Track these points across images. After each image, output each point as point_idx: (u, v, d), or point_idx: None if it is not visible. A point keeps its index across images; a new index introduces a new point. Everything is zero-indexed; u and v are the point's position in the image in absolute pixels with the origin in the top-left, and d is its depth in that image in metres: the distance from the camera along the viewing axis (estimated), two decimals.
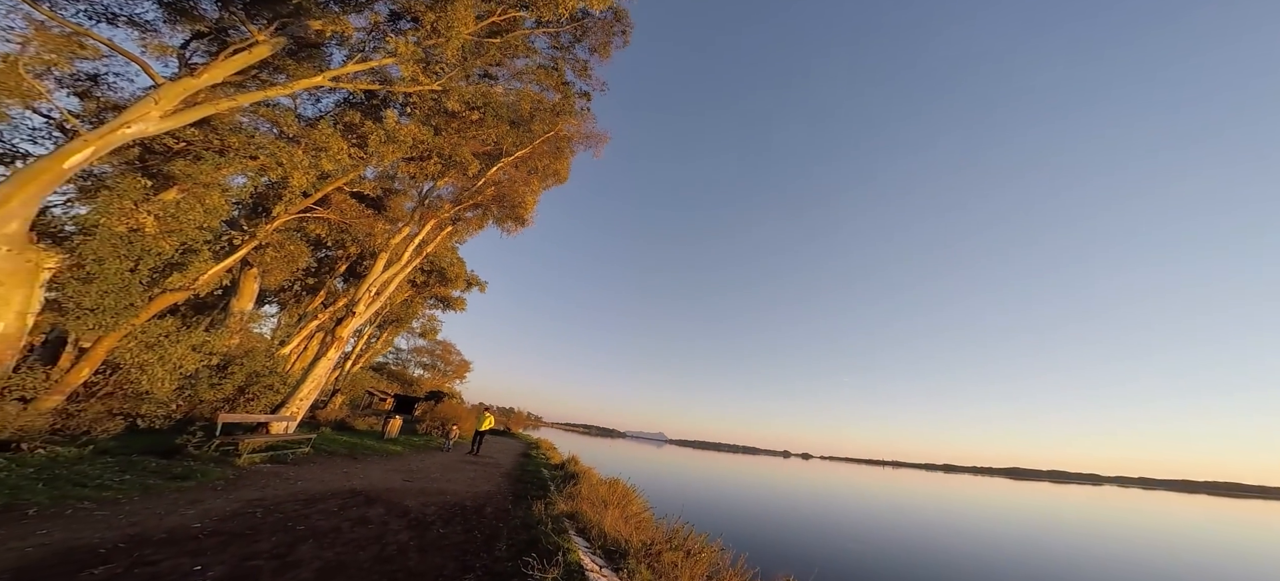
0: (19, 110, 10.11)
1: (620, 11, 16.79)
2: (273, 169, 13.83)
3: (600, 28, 17.72)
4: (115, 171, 11.61)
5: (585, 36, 18.23)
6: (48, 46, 9.81)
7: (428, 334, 42.89)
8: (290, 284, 22.19)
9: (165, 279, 12.18)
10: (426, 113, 16.68)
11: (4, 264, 8.66)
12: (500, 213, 24.04)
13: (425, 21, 11.18)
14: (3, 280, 8.71)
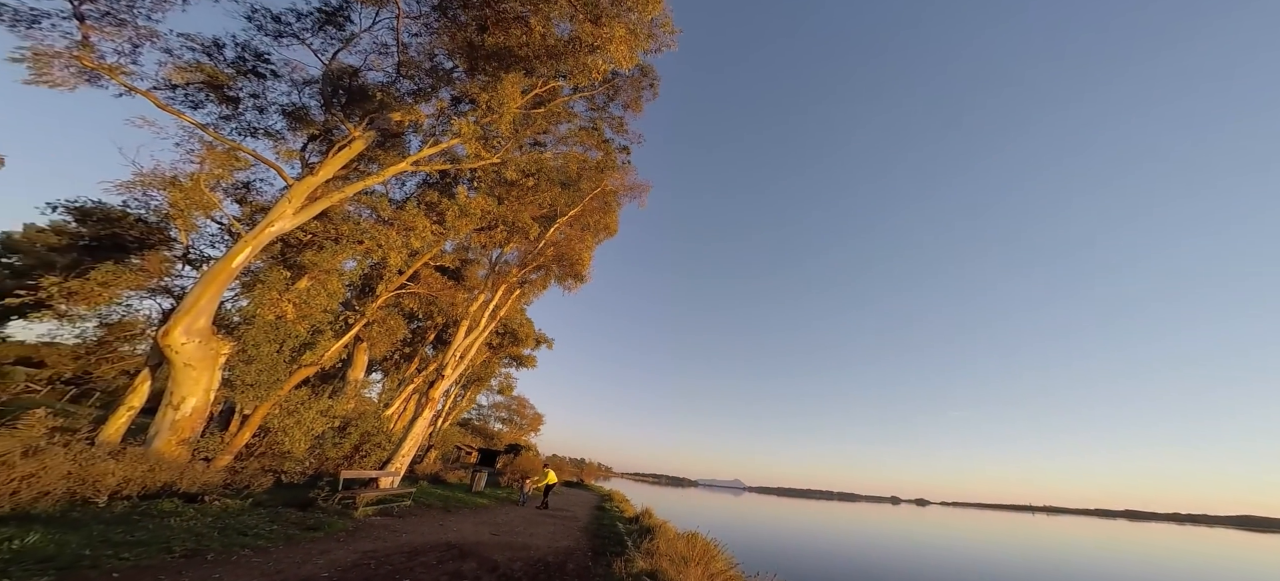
0: (202, 219, 13.25)
1: (646, 68, 18.49)
2: (374, 251, 16.52)
3: (630, 85, 19.51)
4: (265, 266, 14.58)
5: (617, 95, 20.11)
6: (216, 163, 12.88)
7: (504, 390, 45.76)
8: (392, 353, 25.39)
9: (300, 356, 14.83)
10: (490, 184, 18.99)
11: (197, 352, 11.26)
12: (560, 271, 25.70)
13: (481, 101, 13.18)
14: (195, 365, 11.29)
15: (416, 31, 13.50)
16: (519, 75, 13.65)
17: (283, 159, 14.25)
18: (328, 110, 13.06)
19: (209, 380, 11.56)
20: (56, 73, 9.01)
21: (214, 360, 11.71)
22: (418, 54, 13.75)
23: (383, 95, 13.09)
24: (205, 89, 11.71)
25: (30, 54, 8.71)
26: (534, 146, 21.18)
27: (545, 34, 12.45)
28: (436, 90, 14.60)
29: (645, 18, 12.26)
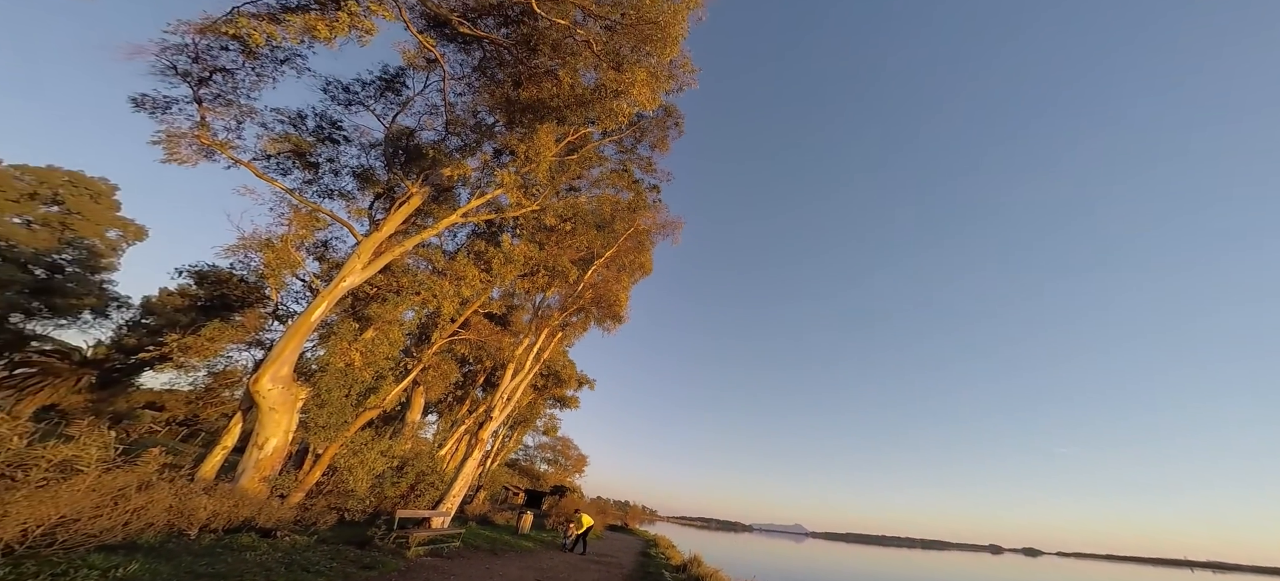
0: (289, 277, 14.87)
1: (670, 108, 19.35)
2: (430, 301, 17.74)
3: (655, 126, 20.47)
4: (338, 318, 16.03)
5: (644, 136, 21.10)
6: (300, 224, 14.55)
7: (549, 431, 46.38)
8: (445, 396, 26.58)
9: (365, 400, 15.92)
10: (531, 230, 20.13)
11: (280, 397, 12.42)
12: (599, 313, 26.22)
13: (520, 152, 14.28)
14: (278, 409, 12.43)
15: (460, 91, 15.07)
16: (552, 124, 14.82)
17: (353, 217, 15.93)
18: (390, 169, 14.66)
19: (288, 422, 12.65)
20: (183, 151, 10.88)
21: (293, 404, 12.84)
22: (463, 112, 15.28)
23: (434, 152, 14.57)
24: (292, 157, 13.58)
25: (165, 136, 10.62)
26: (569, 192, 22.33)
27: (573, 84, 13.56)
28: (480, 144, 16.00)
29: (664, 60, 13.08)
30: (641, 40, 12.21)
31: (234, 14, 9.02)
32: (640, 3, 10.97)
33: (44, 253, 20.59)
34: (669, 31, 12.03)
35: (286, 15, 9.04)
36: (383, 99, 14.04)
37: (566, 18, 11.53)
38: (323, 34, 8.81)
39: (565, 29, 11.83)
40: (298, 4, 9.17)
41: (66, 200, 21.88)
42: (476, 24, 12.55)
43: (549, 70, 13.21)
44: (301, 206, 13.94)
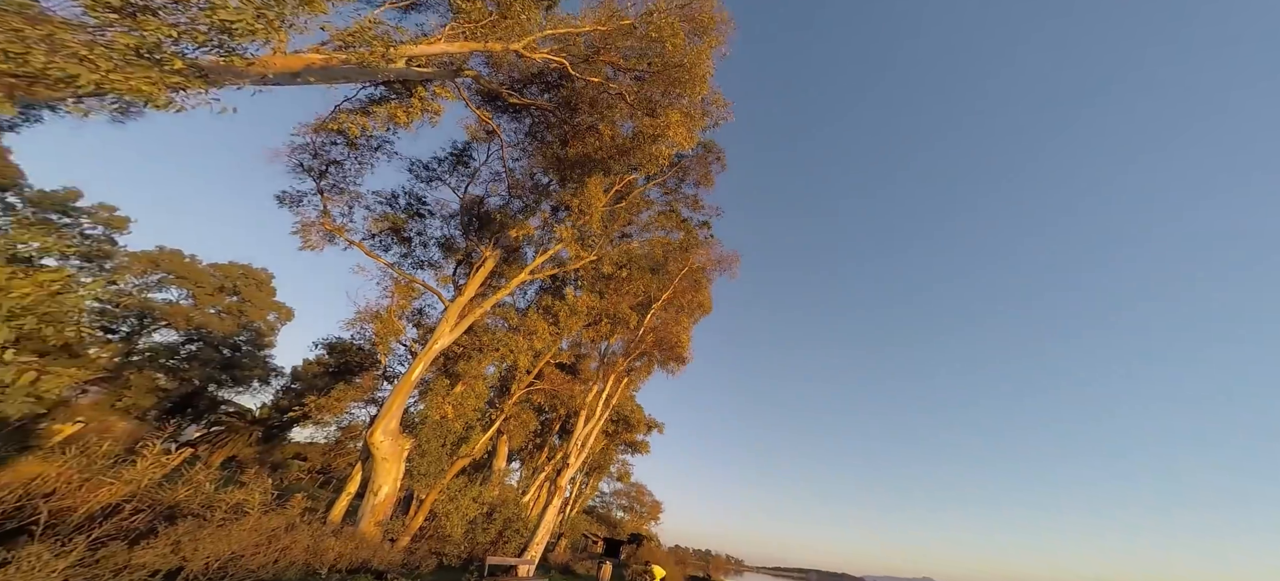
0: (394, 343, 16.70)
1: (708, 144, 19.99)
2: (508, 356, 18.92)
3: (696, 164, 21.14)
4: (433, 376, 17.58)
5: (687, 175, 21.79)
6: (400, 295, 16.45)
7: (622, 477, 45.87)
8: (526, 444, 27.55)
9: (458, 449, 17.00)
10: (591, 280, 21.09)
11: (390, 448, 13.68)
12: (662, 356, 26.25)
13: (573, 206, 15.43)
14: (388, 458, 13.65)
15: (517, 156, 16.82)
16: (599, 176, 16.02)
17: (440, 284, 17.85)
18: (466, 236, 16.48)
19: (397, 471, 13.83)
20: (313, 238, 13.19)
21: (401, 454, 14.07)
22: (521, 175, 16.99)
23: (501, 216, 16.23)
24: (391, 233, 15.80)
25: (300, 226, 13.00)
26: (622, 239, 23.27)
27: (613, 135, 14.70)
28: (539, 204, 17.50)
29: (696, 99, 13.67)
30: (670, 85, 13.13)
31: (336, 112, 11.21)
32: (664, 50, 11.97)
33: (227, 336, 25.43)
34: (695, 72, 12.83)
35: (373, 107, 11.10)
36: (455, 172, 16.13)
37: (599, 76, 12.83)
38: (401, 120, 10.68)
39: (599, 86, 13.12)
40: (381, 96, 11.22)
41: (241, 289, 26.83)
42: (523, 93, 14.29)
43: (590, 125, 14.53)
44: (400, 278, 15.94)
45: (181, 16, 4.89)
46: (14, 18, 4.07)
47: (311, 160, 12.44)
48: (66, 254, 5.75)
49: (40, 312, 5.30)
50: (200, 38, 5.11)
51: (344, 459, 21.59)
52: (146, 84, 4.95)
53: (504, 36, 10.23)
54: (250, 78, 6.53)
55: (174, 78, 5.18)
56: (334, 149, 12.70)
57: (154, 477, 7.14)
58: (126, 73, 4.73)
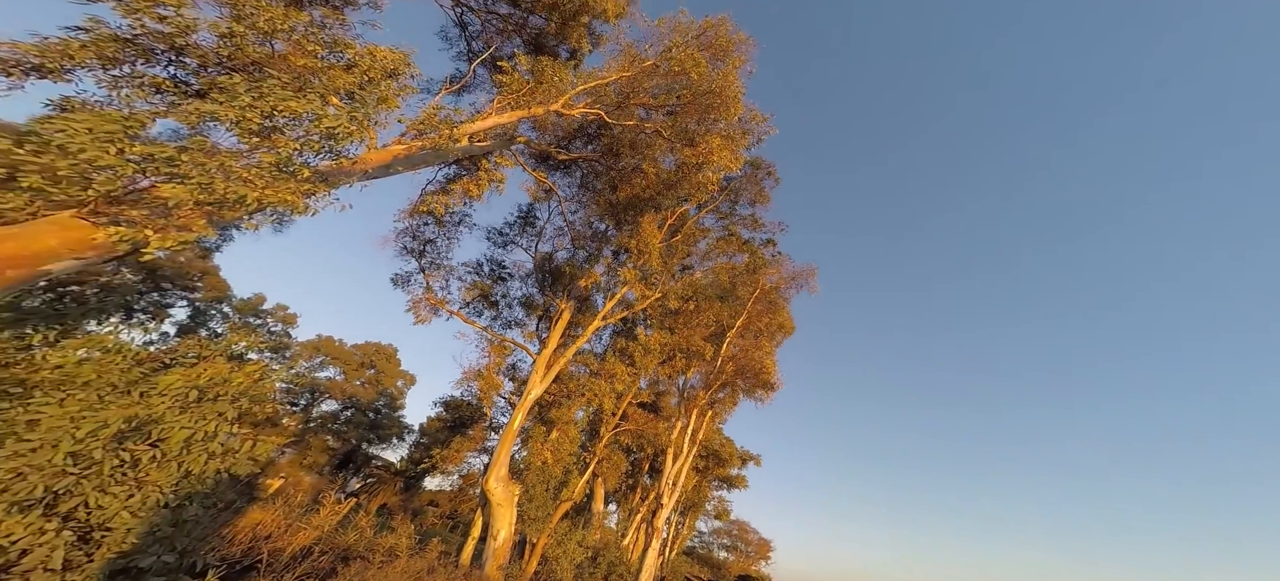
0: (496, 396, 17.61)
1: (756, 161, 19.53)
2: (593, 400, 19.00)
3: (747, 183, 20.59)
4: (531, 425, 18.12)
5: (739, 196, 21.26)
6: (495, 353, 17.47)
7: (721, 515, 42.69)
8: (619, 486, 27.05)
9: (560, 493, 17.03)
10: (660, 318, 20.81)
11: (503, 494, 14.03)
12: (746, 384, 24.71)
13: (631, 247, 15.67)
14: (503, 504, 13.97)
15: (574, 209, 17.78)
16: (651, 214, 16.32)
17: (527, 340, 18.88)
18: (542, 292, 17.43)
19: (511, 516, 14.09)
20: (422, 312, 14.82)
21: (513, 499, 14.38)
22: (580, 226, 17.84)
23: (569, 268, 17.00)
24: (481, 299, 17.21)
25: (411, 303, 14.71)
26: (683, 272, 22.85)
27: (657, 172, 15.02)
28: (600, 251, 18.12)
29: (732, 120, 13.52)
30: (704, 112, 13.27)
31: (423, 195, 12.83)
32: (689, 82, 12.26)
33: (370, 402, 30.62)
34: (725, 95, 12.86)
35: (450, 185, 12.54)
36: (524, 233, 17.42)
37: (633, 118, 13.40)
38: (473, 192, 11.93)
39: (635, 128, 13.65)
40: (454, 174, 12.70)
41: (375, 363, 32.26)
42: (569, 148, 15.31)
43: (634, 167, 15.03)
44: (493, 339, 17.18)
45: (299, 130, 5.98)
46: (197, 155, 5.24)
47: (412, 242, 14.27)
48: (261, 348, 7.15)
49: (250, 395, 6.52)
50: (315, 146, 6.19)
51: (467, 504, 23.30)
52: (290, 195, 6.02)
53: (543, 100, 11.21)
54: (355, 175, 7.76)
55: (305, 185, 6.28)
56: (426, 229, 14.47)
57: (332, 524, 8.06)
58: (275, 187, 5.81)
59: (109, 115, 4.88)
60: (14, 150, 4.51)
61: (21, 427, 4.92)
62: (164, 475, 5.56)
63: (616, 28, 13.12)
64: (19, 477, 4.63)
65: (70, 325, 6.61)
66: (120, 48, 5.55)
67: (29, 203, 4.98)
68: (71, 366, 5.72)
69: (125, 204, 5.39)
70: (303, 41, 6.17)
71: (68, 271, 5.63)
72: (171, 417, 5.66)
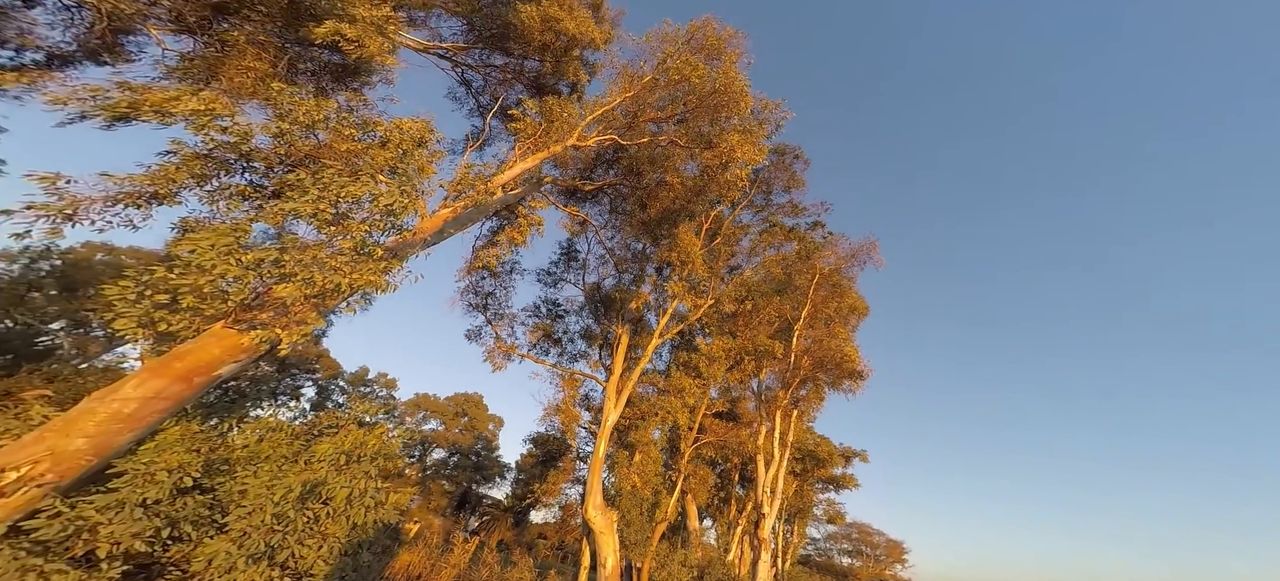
0: (577, 428, 17.94)
1: (779, 148, 18.93)
2: (667, 418, 18.68)
3: (776, 171, 19.89)
4: (614, 451, 18.12)
5: (772, 186, 20.52)
6: (569, 387, 17.98)
7: (834, 519, 38.42)
8: (711, 500, 25.86)
9: (654, 515, 16.61)
10: (717, 323, 20.12)
11: (602, 522, 14.00)
12: (829, 377, 22.91)
13: (672, 259, 15.62)
14: (605, 532, 13.91)
15: (610, 235, 18.25)
16: (686, 222, 16.24)
17: (594, 369, 19.34)
18: (598, 321, 17.88)
19: (615, 542, 13.97)
20: (496, 359, 15.90)
21: (613, 526, 14.30)
22: (620, 250, 18.22)
23: (618, 294, 17.32)
24: (545, 339, 18.04)
25: (486, 353, 15.83)
26: (731, 274, 22.18)
27: (683, 181, 15.01)
28: (643, 270, 18.27)
29: (745, 113, 13.25)
30: (714, 112, 13.17)
31: (475, 252, 13.92)
32: (692, 86, 12.34)
33: (470, 447, 33.51)
34: (730, 91, 12.72)
35: (496, 237, 13.52)
36: (570, 268, 18.18)
37: (645, 135, 13.71)
38: (517, 239, 12.75)
39: (650, 144, 13.92)
40: (497, 226, 13.68)
41: (467, 411, 35.34)
42: (592, 177, 15.89)
43: (658, 181, 15.22)
44: (563, 374, 17.83)
45: (363, 212, 6.88)
46: (294, 253, 6.22)
47: (474, 297, 15.55)
48: (377, 413, 8.19)
49: (384, 454, 7.50)
50: (380, 225, 7.08)
51: (572, 535, 23.90)
52: (372, 275, 6.91)
53: (558, 137, 11.89)
54: (417, 245, 8.70)
55: (382, 264, 7.17)
56: (484, 283, 15.72)
57: (465, 562, 8.68)
58: (360, 271, 6.70)
59: (220, 228, 6.02)
60: (169, 276, 5.68)
61: (236, 497, 5.98)
62: (337, 527, 6.43)
63: (608, 53, 13.70)
64: (246, 536, 5.57)
65: (241, 413, 7.89)
66: (203, 164, 6.77)
67: (191, 321, 6.13)
68: (253, 445, 6.86)
69: (255, 309, 6.46)
70: (339, 127, 7.21)
71: (231, 373, 6.78)
72: (332, 479, 6.62)
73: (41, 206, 5.85)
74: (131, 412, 5.47)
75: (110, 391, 5.49)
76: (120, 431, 5.38)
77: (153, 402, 5.67)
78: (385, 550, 7.09)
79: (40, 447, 4.80)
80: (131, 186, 6.34)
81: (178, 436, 6.01)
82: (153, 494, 5.22)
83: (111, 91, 6.91)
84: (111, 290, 5.65)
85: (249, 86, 8.42)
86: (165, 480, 5.37)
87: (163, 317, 5.82)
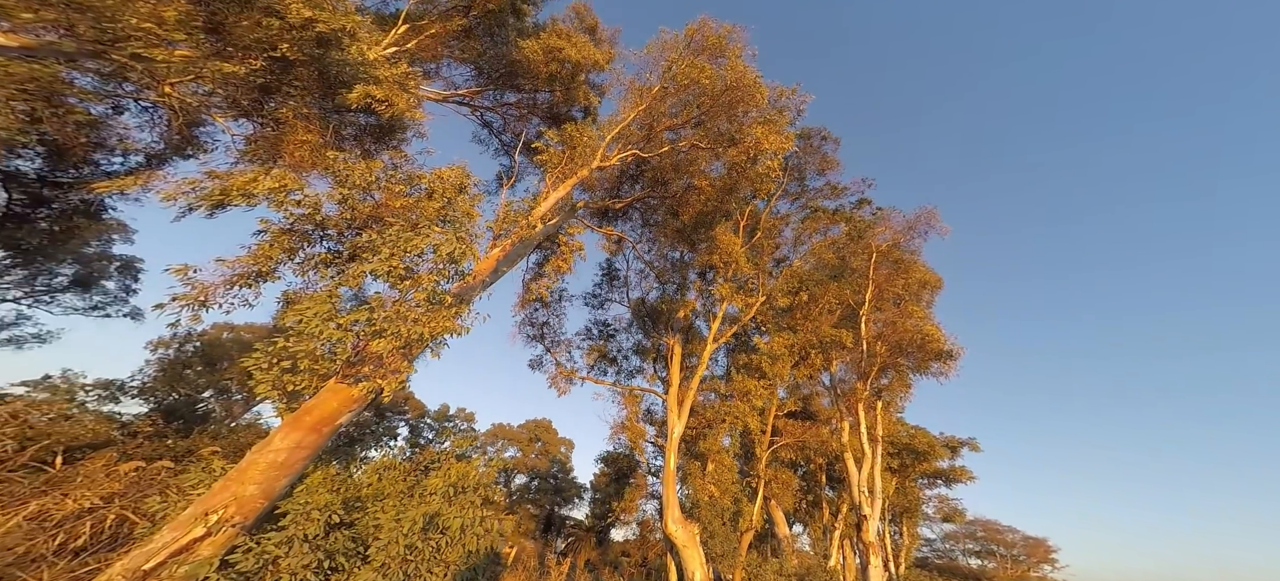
0: (644, 442, 18.16)
1: (805, 132, 18.77)
2: (735, 423, 18.36)
3: (807, 155, 19.69)
4: (684, 463, 18.07)
5: (805, 172, 20.18)
6: (630, 404, 18.59)
7: (950, 516, 34.12)
8: (798, 505, 24.66)
9: (737, 524, 16.22)
10: (773, 320, 19.66)
11: (683, 535, 14.17)
12: (912, 361, 21.18)
13: (715, 261, 15.85)
14: (688, 545, 13.97)
15: (647, 249, 18.92)
16: (722, 222, 16.39)
17: (650, 383, 19.72)
18: (647, 335, 18.34)
19: (699, 555, 13.93)
20: (559, 384, 16.85)
21: (695, 538, 14.31)
22: (658, 262, 18.89)
23: (664, 305, 17.82)
24: (601, 359, 18.94)
25: (549, 380, 16.86)
26: (779, 267, 21.70)
27: (711, 183, 15.30)
28: (686, 277, 18.66)
29: (762, 104, 13.41)
30: (730, 109, 13.44)
31: (526, 286, 15.11)
32: (701, 87, 12.73)
33: (547, 471, 35.23)
34: (741, 85, 12.97)
35: (543, 268, 14.66)
36: (613, 287, 19.15)
37: (664, 145, 14.28)
38: (562, 267, 13.68)
39: (670, 153, 14.37)
40: (543, 258, 14.71)
41: (540, 437, 37.19)
42: (620, 195, 16.75)
43: (686, 186, 15.68)
44: (623, 391, 18.41)
45: (427, 263, 7.92)
46: (382, 310, 7.35)
47: (531, 329, 16.89)
48: (468, 446, 9.17)
49: (481, 484, 8.43)
50: (444, 273, 8.10)
51: (653, 550, 23.99)
52: (447, 322, 7.93)
53: (582, 161, 12.78)
54: (477, 288, 9.77)
55: (453, 310, 8.17)
56: (538, 314, 17.06)
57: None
58: (436, 319, 7.73)
59: (317, 297, 7.30)
60: (288, 345, 6.96)
61: (372, 531, 7.06)
62: (454, 554, 7.39)
63: (612, 72, 14.57)
64: (386, 566, 6.59)
65: (359, 455, 9.15)
66: (289, 238, 8.05)
67: (309, 380, 7.38)
68: (375, 483, 7.98)
69: (357, 364, 7.66)
70: (390, 185, 8.41)
71: (347, 422, 7.99)
72: (445, 510, 7.58)
73: (184, 297, 7.38)
74: (283, 461, 6.71)
75: (264, 444, 6.79)
76: (278, 477, 6.61)
77: (295, 452, 6.91)
78: (492, 575, 7.74)
79: (227, 494, 6.08)
80: (241, 268, 7.74)
81: (320, 479, 7.21)
82: (311, 530, 6.32)
83: (205, 182, 8.02)
84: (248, 361, 7.08)
85: (308, 159, 9.50)
86: (318, 518, 6.48)
87: (288, 380, 7.12)
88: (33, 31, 6.81)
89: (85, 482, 6.05)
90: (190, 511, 5.81)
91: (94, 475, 6.33)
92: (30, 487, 5.90)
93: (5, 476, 5.96)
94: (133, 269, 14.83)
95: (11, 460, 6.43)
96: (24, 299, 13.46)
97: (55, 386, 13.44)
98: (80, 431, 8.60)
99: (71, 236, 12.41)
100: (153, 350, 16.68)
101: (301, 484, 7.11)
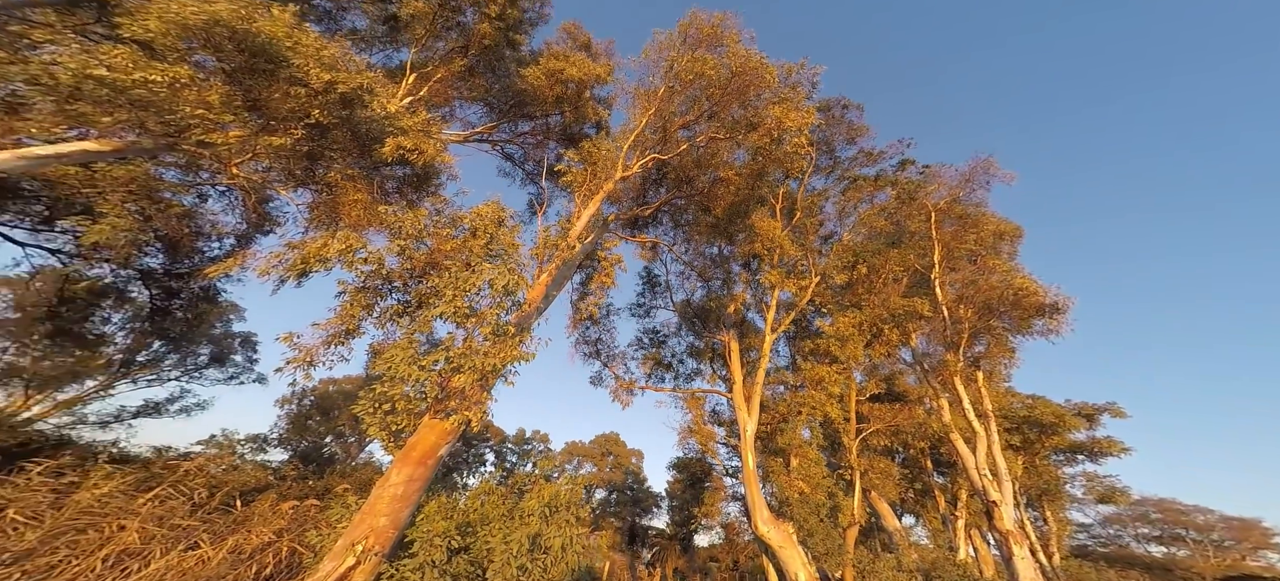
0: (714, 444, 17.76)
1: (825, 104, 18.63)
2: (811, 412, 17.51)
3: (833, 126, 19.47)
4: (763, 460, 17.67)
5: (831, 145, 19.74)
6: (694, 407, 18.53)
7: (1106, 497, 28.66)
8: (904, 495, 22.41)
9: (836, 519, 15.23)
10: (834, 299, 18.93)
11: (778, 536, 13.81)
12: (1008, 323, 19.33)
13: (758, 249, 15.91)
14: (784, 546, 13.64)
15: (683, 249, 19.48)
16: (758, 209, 16.27)
17: (710, 383, 20.32)
18: (698, 336, 18.39)
19: (800, 555, 13.49)
20: (621, 396, 17.43)
21: (791, 538, 13.90)
22: (697, 261, 19.44)
23: (711, 302, 18.10)
24: (657, 368, 19.48)
25: (611, 394, 17.46)
26: (827, 244, 20.99)
27: (737, 171, 15.66)
28: (729, 271, 19.02)
29: (774, 85, 13.63)
30: (741, 95, 13.79)
31: (575, 306, 16.06)
32: (707, 80, 13.14)
33: (623, 483, 36.51)
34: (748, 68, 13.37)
35: (588, 286, 15.65)
36: (655, 294, 20.24)
37: (681, 143, 14.81)
38: (605, 281, 14.60)
39: (689, 150, 14.76)
40: (586, 277, 15.55)
41: (610, 450, 38.71)
42: (647, 201, 17.76)
43: (713, 179, 15.96)
44: (684, 395, 18.42)
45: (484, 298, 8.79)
46: (457, 349, 8.27)
47: (586, 347, 18.03)
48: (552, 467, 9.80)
49: (572, 502, 9.12)
50: (502, 306, 8.96)
51: (743, 553, 22.99)
52: (514, 351, 8.80)
53: (605, 175, 13.71)
54: (533, 314, 10.64)
55: (517, 339, 9.00)
56: (590, 331, 18.04)
57: None
58: (504, 351, 8.62)
59: (400, 344, 8.51)
60: (385, 390, 8.01)
61: (485, 554, 7.75)
62: (559, 571, 7.87)
63: (615, 83, 15.53)
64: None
65: (460, 483, 10.00)
66: (365, 295, 9.17)
67: (407, 419, 8.37)
68: (479, 508, 8.73)
69: (445, 400, 8.60)
70: (437, 230, 9.51)
71: (446, 453, 8.89)
72: (545, 530, 8.10)
73: (295, 360, 8.95)
74: (401, 493, 7.69)
75: (384, 480, 7.81)
76: (401, 508, 7.56)
77: (410, 484, 7.89)
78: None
79: (365, 526, 7.06)
80: (332, 329, 9.08)
81: (436, 508, 8.17)
82: (437, 557, 7.06)
83: (287, 253, 8.94)
84: (356, 407, 8.31)
85: (363, 217, 10.46)
86: (440, 544, 7.25)
87: (391, 420, 8.18)
88: (116, 134, 8.04)
89: (259, 521, 7.44)
90: (341, 543, 6.88)
91: (264, 514, 7.80)
92: (225, 526, 7.39)
93: (205, 518, 7.54)
94: (251, 342, 18.57)
95: (206, 505, 7.95)
96: (181, 377, 17.42)
97: (221, 443, 16.48)
98: (246, 479, 10.25)
99: (201, 321, 15.77)
100: (281, 406, 20.24)
101: (421, 513, 7.98)
